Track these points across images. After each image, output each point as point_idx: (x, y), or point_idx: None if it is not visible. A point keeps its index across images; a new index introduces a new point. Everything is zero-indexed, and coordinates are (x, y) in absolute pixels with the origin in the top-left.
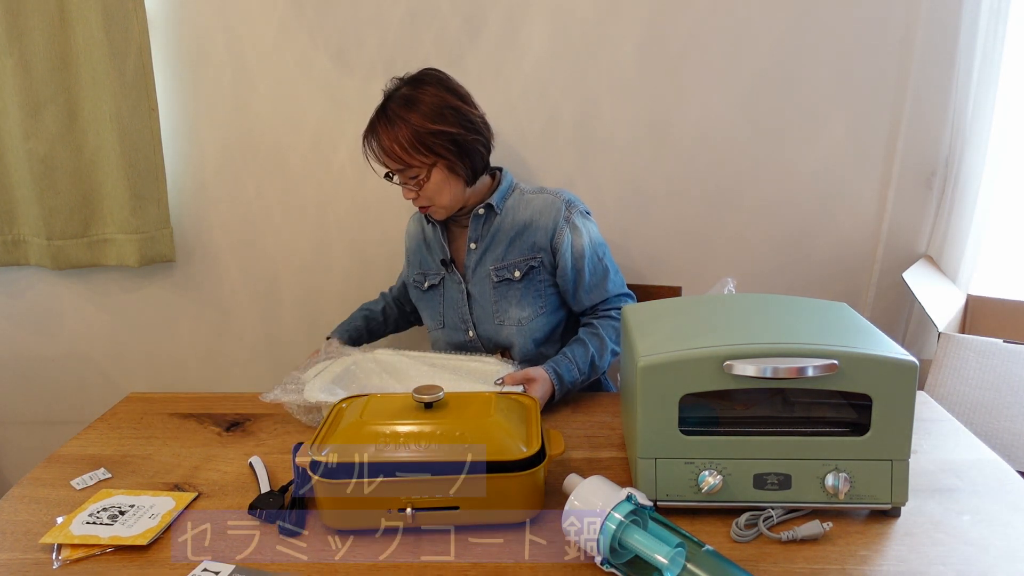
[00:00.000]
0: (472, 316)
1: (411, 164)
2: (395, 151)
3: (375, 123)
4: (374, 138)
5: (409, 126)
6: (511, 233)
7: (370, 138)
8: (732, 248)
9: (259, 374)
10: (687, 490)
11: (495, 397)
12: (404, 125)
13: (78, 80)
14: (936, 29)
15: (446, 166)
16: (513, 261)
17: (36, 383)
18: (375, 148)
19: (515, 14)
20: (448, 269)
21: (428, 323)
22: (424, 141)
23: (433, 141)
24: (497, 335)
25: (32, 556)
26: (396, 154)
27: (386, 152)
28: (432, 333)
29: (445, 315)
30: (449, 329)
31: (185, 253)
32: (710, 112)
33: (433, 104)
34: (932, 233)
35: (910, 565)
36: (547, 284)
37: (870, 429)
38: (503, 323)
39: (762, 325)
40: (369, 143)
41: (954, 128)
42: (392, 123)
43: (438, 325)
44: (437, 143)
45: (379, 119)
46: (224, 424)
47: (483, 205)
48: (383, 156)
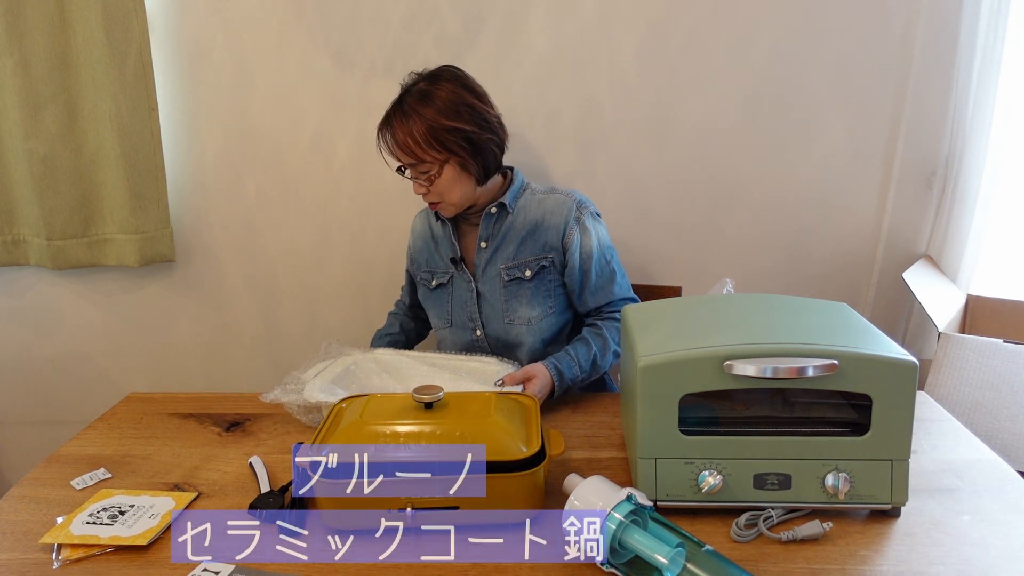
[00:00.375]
0: (481, 315)
1: (423, 159)
2: (408, 145)
3: (390, 116)
4: (388, 131)
5: (424, 121)
6: (522, 232)
7: (384, 131)
8: (732, 248)
9: (259, 374)
10: (687, 490)
11: (495, 397)
12: (419, 119)
13: (78, 80)
14: (936, 29)
15: (458, 163)
16: (524, 260)
17: (36, 383)
18: (389, 141)
19: (515, 14)
20: (457, 267)
21: (435, 322)
22: (438, 137)
23: (447, 137)
24: (506, 334)
25: (32, 556)
26: (409, 148)
27: (399, 145)
28: (439, 332)
29: (453, 314)
30: (456, 328)
31: (185, 253)
32: (710, 112)
33: (449, 100)
34: (932, 233)
35: (910, 565)
36: (557, 284)
37: (870, 429)
38: (512, 322)
39: (762, 325)
40: (383, 135)
41: (954, 128)
42: (407, 117)
43: (445, 324)
44: (451, 139)
45: (394, 112)
46: (224, 424)
47: (495, 204)
48: (396, 149)
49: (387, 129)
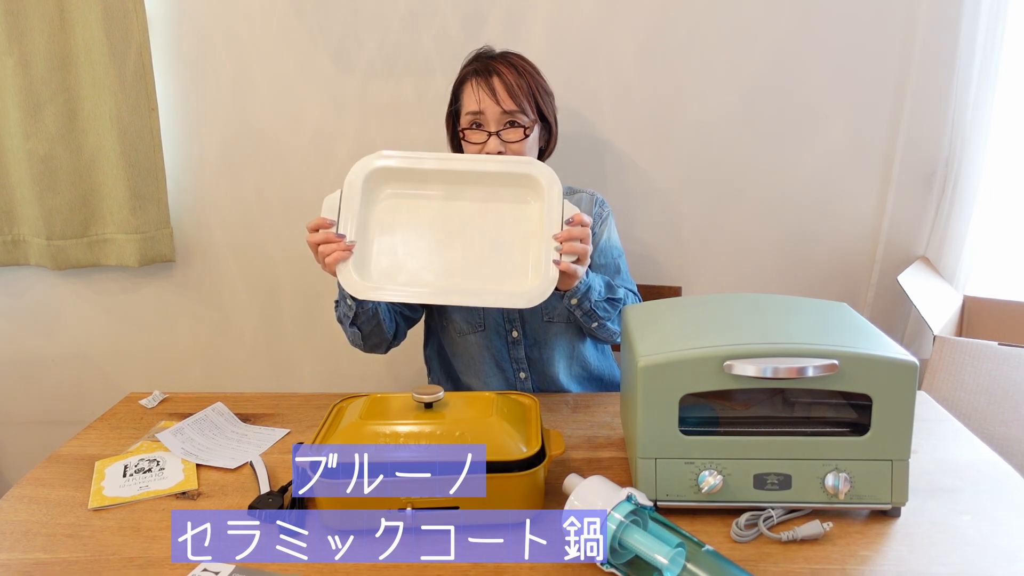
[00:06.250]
0: (521, 314)
1: (525, 111)
2: (517, 92)
3: (491, 65)
4: (494, 76)
5: (532, 77)
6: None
7: (485, 77)
8: (732, 248)
9: (259, 374)
10: (687, 490)
11: (495, 397)
12: (528, 75)
13: (78, 80)
14: (936, 29)
15: (538, 131)
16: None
17: (36, 383)
18: (493, 85)
19: (515, 14)
20: None
21: (461, 327)
22: (542, 96)
23: (546, 100)
24: (545, 333)
25: (32, 556)
26: (518, 95)
27: (509, 89)
28: (464, 337)
29: (486, 316)
30: (490, 331)
31: (185, 253)
32: (710, 112)
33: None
34: (931, 234)
35: (910, 565)
36: None
37: (870, 429)
38: (552, 320)
39: (762, 325)
40: (484, 82)
41: (954, 128)
42: (516, 69)
43: (476, 328)
44: (546, 105)
45: (496, 62)
46: None
47: None
48: (504, 94)
49: (489, 76)
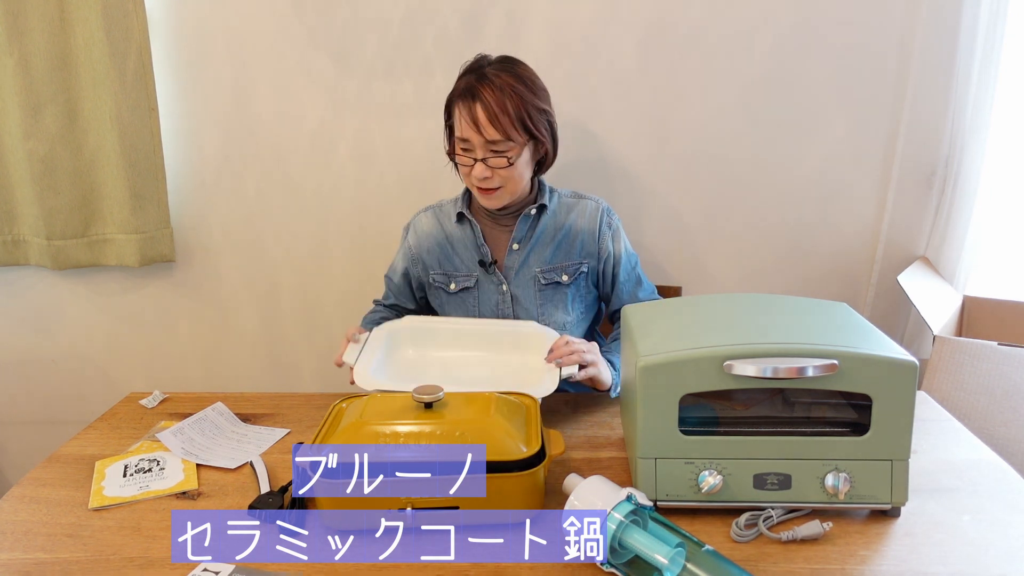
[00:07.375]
0: (519, 314)
1: (511, 137)
2: (500, 120)
3: (475, 88)
4: (476, 103)
5: (518, 97)
6: (557, 236)
7: (469, 102)
8: (732, 248)
9: (259, 374)
10: (687, 490)
11: (495, 397)
12: (514, 95)
13: (78, 80)
14: (936, 29)
15: (532, 149)
16: (560, 265)
17: (36, 383)
18: (476, 113)
19: (515, 14)
20: (488, 270)
21: None
22: (531, 116)
23: (537, 118)
24: None
25: (32, 556)
26: (500, 123)
27: (491, 119)
28: None
29: (484, 315)
30: None
31: (185, 253)
32: (710, 112)
33: (533, 81)
34: (931, 233)
35: (910, 565)
36: (591, 289)
37: (870, 429)
38: (547, 326)
39: (762, 325)
40: (466, 108)
41: (954, 128)
42: (501, 91)
43: None
44: (538, 122)
45: (481, 84)
46: None
47: (535, 205)
48: (485, 123)
49: (474, 101)
